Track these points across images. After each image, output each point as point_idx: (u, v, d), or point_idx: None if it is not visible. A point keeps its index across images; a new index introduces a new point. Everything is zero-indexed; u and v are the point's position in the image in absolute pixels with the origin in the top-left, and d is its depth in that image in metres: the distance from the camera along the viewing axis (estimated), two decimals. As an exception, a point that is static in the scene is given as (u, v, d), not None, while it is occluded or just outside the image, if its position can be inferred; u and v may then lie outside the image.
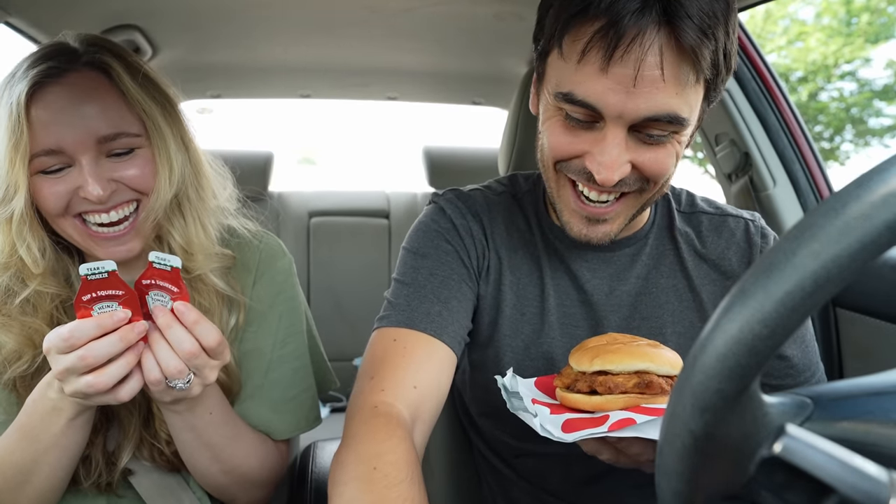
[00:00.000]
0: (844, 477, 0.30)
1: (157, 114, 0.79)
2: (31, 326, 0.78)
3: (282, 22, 1.48)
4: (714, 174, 1.61)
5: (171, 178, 0.80)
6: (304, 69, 1.92)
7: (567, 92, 0.66)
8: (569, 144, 0.70)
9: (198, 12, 1.40)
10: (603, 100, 0.64)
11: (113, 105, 0.77)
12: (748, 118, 1.43)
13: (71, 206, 0.76)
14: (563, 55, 0.67)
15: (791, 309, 0.30)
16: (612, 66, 0.62)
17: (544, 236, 0.85)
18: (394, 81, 2.10)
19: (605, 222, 0.73)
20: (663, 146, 0.68)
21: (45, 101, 0.74)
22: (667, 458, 0.35)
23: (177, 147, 0.81)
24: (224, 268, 0.88)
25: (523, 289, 0.84)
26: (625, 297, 0.82)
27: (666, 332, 0.81)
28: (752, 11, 7.97)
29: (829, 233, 0.29)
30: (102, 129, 0.75)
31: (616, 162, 0.66)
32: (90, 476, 0.82)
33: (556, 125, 0.71)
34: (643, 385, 0.63)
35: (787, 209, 1.43)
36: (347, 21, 1.48)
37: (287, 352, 0.92)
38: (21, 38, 1.35)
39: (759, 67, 1.43)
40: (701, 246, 0.83)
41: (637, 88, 0.62)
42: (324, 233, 2.33)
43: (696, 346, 0.33)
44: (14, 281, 0.78)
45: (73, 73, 0.76)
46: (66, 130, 0.73)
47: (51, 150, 0.73)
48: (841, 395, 0.38)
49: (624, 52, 0.61)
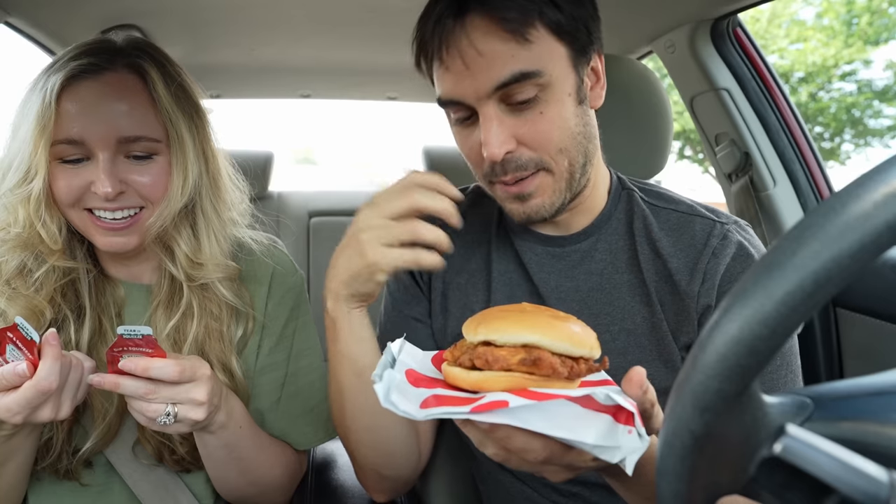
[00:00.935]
0: (844, 477, 0.30)
1: (182, 123, 0.82)
2: (34, 302, 0.80)
3: (282, 22, 1.48)
4: (714, 174, 1.61)
5: (184, 187, 0.81)
6: (304, 69, 1.92)
7: (439, 98, 0.76)
8: (468, 147, 0.77)
9: (198, 12, 1.40)
10: (455, 90, 0.72)
11: (141, 108, 0.80)
12: (748, 118, 1.43)
13: (82, 199, 0.79)
14: (429, 71, 0.78)
15: (791, 309, 0.30)
16: (446, 62, 0.72)
17: (503, 232, 0.88)
18: (394, 81, 2.10)
19: (532, 196, 0.76)
20: (539, 115, 0.72)
21: (77, 93, 0.77)
22: (667, 458, 0.35)
23: (195, 158, 0.83)
24: (233, 278, 0.89)
25: (472, 287, 0.87)
26: (572, 293, 0.82)
27: (614, 328, 0.80)
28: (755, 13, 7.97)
29: (829, 233, 0.29)
30: (125, 129, 0.78)
31: (494, 136, 0.71)
32: (45, 459, 0.82)
33: (455, 133, 0.79)
34: (529, 362, 0.51)
35: (787, 209, 1.43)
36: (347, 21, 1.48)
37: (302, 365, 0.94)
38: (21, 38, 1.35)
39: (760, 68, 1.43)
40: (656, 240, 0.80)
41: (471, 69, 0.70)
42: (324, 233, 2.33)
43: (696, 346, 0.33)
44: (30, 259, 0.80)
45: (111, 72, 0.79)
46: (90, 124, 0.76)
47: (72, 140, 0.76)
48: (841, 395, 0.38)
49: (445, 51, 0.71)
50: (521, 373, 0.51)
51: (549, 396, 0.49)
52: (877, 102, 10.09)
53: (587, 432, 0.48)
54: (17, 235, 0.79)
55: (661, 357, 0.78)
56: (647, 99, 1.08)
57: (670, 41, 1.45)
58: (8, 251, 0.80)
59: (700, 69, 1.42)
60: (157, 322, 0.86)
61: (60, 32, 1.39)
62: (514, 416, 0.48)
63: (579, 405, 0.50)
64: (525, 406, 0.47)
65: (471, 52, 0.69)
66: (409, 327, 0.90)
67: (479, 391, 0.52)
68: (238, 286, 0.90)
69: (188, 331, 0.85)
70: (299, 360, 0.94)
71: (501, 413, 0.47)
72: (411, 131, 13.36)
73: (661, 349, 0.78)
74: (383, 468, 0.82)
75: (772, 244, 0.33)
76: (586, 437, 0.48)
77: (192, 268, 0.84)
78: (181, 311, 0.85)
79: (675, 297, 0.78)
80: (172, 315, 0.85)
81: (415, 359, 0.61)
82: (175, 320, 0.85)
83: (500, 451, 0.54)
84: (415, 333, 0.89)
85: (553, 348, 0.52)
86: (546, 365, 0.51)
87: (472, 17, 0.70)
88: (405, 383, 0.53)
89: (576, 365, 0.54)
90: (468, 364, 0.53)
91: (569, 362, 0.53)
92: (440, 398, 0.51)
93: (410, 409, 0.49)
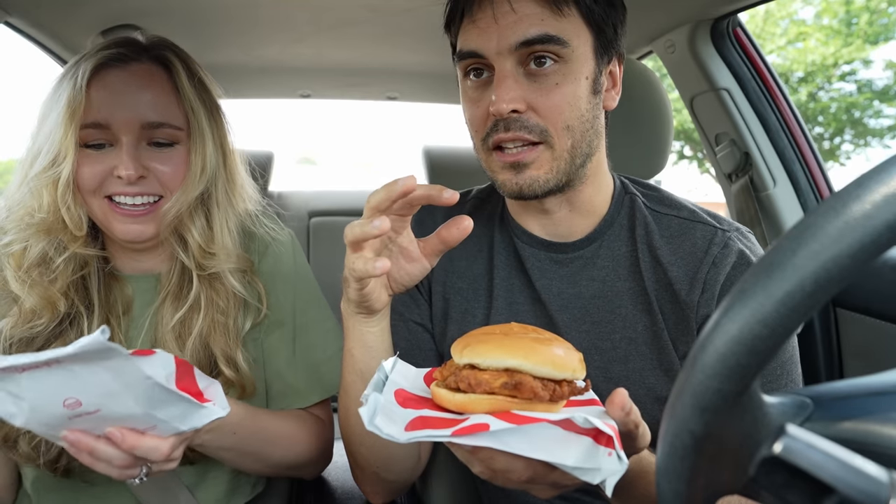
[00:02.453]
0: (844, 477, 0.30)
1: (203, 114, 0.86)
2: (50, 292, 0.82)
3: (282, 22, 1.48)
4: (714, 174, 1.61)
5: (201, 176, 0.85)
6: (304, 69, 1.92)
7: (458, 51, 0.77)
8: (475, 108, 0.77)
9: (198, 12, 1.40)
10: (479, 41, 0.74)
11: (165, 97, 0.84)
12: (748, 118, 1.43)
13: (104, 185, 0.81)
14: (456, 31, 0.79)
15: (791, 309, 0.30)
16: (476, 16, 0.74)
17: (505, 237, 0.87)
18: (394, 81, 2.10)
19: (528, 167, 0.75)
20: (555, 86, 0.73)
21: (106, 80, 0.81)
22: (667, 458, 0.35)
23: (214, 149, 0.87)
24: (245, 270, 0.91)
25: (473, 292, 0.87)
26: (574, 300, 0.82)
27: (616, 336, 0.79)
28: (751, 11, 7.97)
29: (829, 233, 0.29)
30: (150, 115, 0.82)
31: (506, 91, 0.72)
32: (44, 456, 0.80)
33: (464, 94, 0.80)
34: (511, 386, 0.52)
35: (787, 209, 1.43)
36: (347, 21, 1.48)
37: (310, 317, 0.96)
38: (21, 38, 1.35)
39: (760, 67, 1.43)
40: (657, 248, 0.79)
41: (500, 23, 0.72)
42: (324, 233, 2.33)
43: (696, 346, 0.33)
44: (52, 248, 0.82)
45: (137, 62, 0.84)
46: (117, 109, 0.80)
47: (98, 124, 0.80)
48: (841, 395, 0.38)
49: (478, 5, 0.74)
50: (503, 396, 0.52)
51: (530, 420, 0.50)
52: (877, 102, 10.09)
53: (567, 454, 0.49)
54: (41, 220, 0.81)
55: (662, 366, 0.77)
56: (647, 99, 1.08)
57: (670, 41, 1.45)
58: (32, 236, 0.82)
59: (700, 69, 1.42)
60: (164, 314, 0.87)
61: (60, 32, 1.39)
62: (496, 439, 0.49)
63: (560, 428, 0.51)
64: (506, 429, 0.48)
65: (504, 7, 0.72)
66: (410, 331, 0.89)
67: (464, 412, 0.53)
68: (250, 278, 0.91)
69: (194, 325, 0.85)
70: (306, 313, 0.95)
71: (483, 436, 0.48)
72: (411, 131, 13.36)
73: (663, 358, 0.77)
74: (382, 471, 0.82)
75: (772, 244, 0.33)
76: (566, 460, 0.49)
77: (203, 257, 0.86)
78: (189, 304, 0.86)
79: (675, 305, 0.77)
80: (180, 307, 0.86)
81: (406, 377, 0.62)
82: (182, 313, 0.86)
83: (485, 470, 0.55)
84: (416, 338, 0.89)
85: (535, 372, 0.53)
86: (527, 389, 0.52)
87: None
88: (393, 404, 0.55)
89: (558, 388, 0.54)
90: (454, 385, 0.54)
91: (551, 385, 0.53)
92: (425, 420, 0.52)
93: (394, 431, 0.50)
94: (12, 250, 0.82)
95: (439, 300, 0.89)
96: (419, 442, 0.85)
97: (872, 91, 10.02)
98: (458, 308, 0.88)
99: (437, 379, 0.58)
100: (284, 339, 0.93)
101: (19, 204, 0.83)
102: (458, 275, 0.89)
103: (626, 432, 0.54)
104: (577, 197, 0.81)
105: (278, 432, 0.87)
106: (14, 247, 0.82)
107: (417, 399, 0.58)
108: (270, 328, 0.93)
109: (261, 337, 0.93)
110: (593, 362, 0.80)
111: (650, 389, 0.77)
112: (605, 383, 0.79)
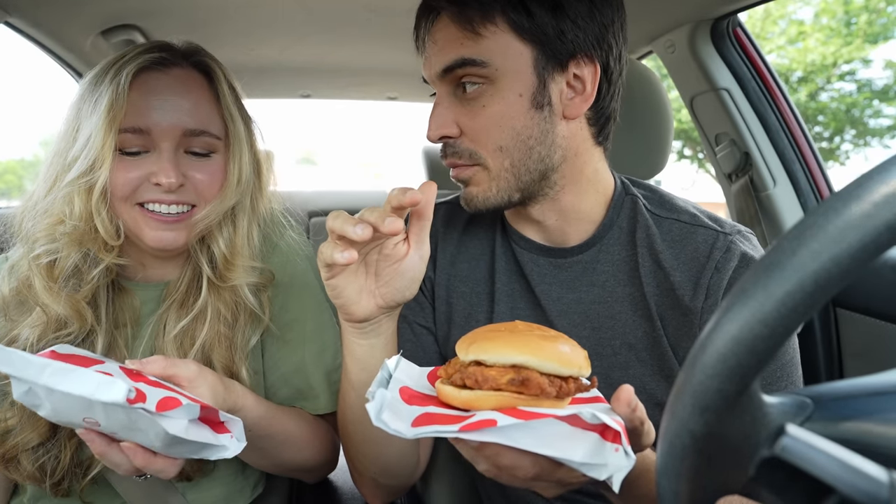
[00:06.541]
0: (844, 477, 0.30)
1: (241, 123, 0.85)
2: (80, 305, 0.79)
3: (282, 22, 1.48)
4: (714, 174, 1.61)
5: (237, 186, 0.84)
6: (304, 69, 1.92)
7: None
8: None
9: (197, 12, 1.40)
10: (424, 72, 0.79)
11: (206, 105, 0.83)
12: (748, 118, 1.43)
13: (138, 192, 0.79)
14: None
15: (791, 309, 0.30)
16: (422, 48, 0.79)
17: (506, 242, 0.87)
18: (394, 81, 2.10)
19: (468, 183, 0.78)
20: (482, 108, 0.74)
21: (147, 84, 0.79)
22: (667, 458, 0.35)
23: (249, 159, 0.86)
24: (265, 284, 0.89)
25: (476, 297, 0.87)
26: (574, 305, 0.81)
27: (616, 342, 0.79)
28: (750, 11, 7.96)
29: (829, 233, 0.29)
30: (190, 123, 0.80)
31: (433, 118, 0.76)
32: (43, 476, 0.79)
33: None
34: (518, 382, 0.51)
35: (787, 209, 1.43)
36: (347, 21, 1.48)
37: (325, 319, 0.95)
38: (21, 39, 1.35)
39: (759, 67, 1.43)
40: (658, 252, 0.78)
41: (429, 53, 0.77)
42: (323, 233, 2.32)
43: (696, 346, 0.33)
44: (83, 260, 0.80)
45: (179, 68, 0.83)
46: (158, 115, 0.78)
47: (138, 129, 0.78)
48: (841, 395, 0.38)
49: (421, 41, 0.79)
50: (510, 392, 0.52)
51: (537, 415, 0.49)
52: (877, 102, 10.09)
53: (574, 450, 0.49)
54: (73, 228, 0.78)
55: (663, 372, 0.77)
56: (647, 99, 1.08)
57: (670, 41, 1.46)
58: (64, 246, 0.79)
59: (700, 69, 1.42)
60: (167, 322, 0.84)
61: (60, 32, 1.39)
62: (503, 435, 0.48)
63: (567, 424, 0.50)
64: (513, 425, 0.48)
65: (433, 37, 0.77)
66: (414, 334, 0.89)
67: (470, 409, 0.53)
68: (269, 292, 0.90)
69: (197, 335, 0.83)
70: (321, 315, 0.94)
71: (490, 431, 0.48)
72: (412, 131, 13.36)
73: (663, 364, 0.77)
74: (381, 476, 0.82)
75: (772, 244, 0.33)
76: (573, 455, 0.49)
77: (227, 268, 0.85)
78: (194, 313, 0.84)
79: (676, 311, 0.76)
80: (184, 316, 0.84)
81: (410, 376, 0.61)
82: (186, 322, 0.83)
83: (490, 467, 0.55)
84: (420, 340, 0.89)
85: (541, 368, 0.52)
86: (534, 385, 0.52)
87: (442, 14, 0.76)
88: (398, 401, 0.54)
89: (564, 384, 0.54)
90: (460, 383, 0.54)
91: (557, 382, 0.53)
92: (431, 416, 0.52)
93: (401, 427, 0.49)
94: (43, 262, 0.79)
95: (443, 304, 0.89)
96: (418, 446, 0.85)
97: (872, 91, 10.02)
98: (461, 312, 0.88)
99: (442, 377, 0.57)
100: (295, 346, 0.92)
101: (46, 212, 0.79)
102: (460, 279, 0.89)
103: (632, 429, 0.54)
104: (559, 206, 0.80)
105: (292, 434, 0.86)
106: (45, 259, 0.79)
107: (422, 396, 0.58)
108: (280, 336, 0.92)
109: (267, 346, 0.91)
110: (594, 368, 0.79)
111: (651, 395, 0.77)
112: (605, 389, 0.78)
